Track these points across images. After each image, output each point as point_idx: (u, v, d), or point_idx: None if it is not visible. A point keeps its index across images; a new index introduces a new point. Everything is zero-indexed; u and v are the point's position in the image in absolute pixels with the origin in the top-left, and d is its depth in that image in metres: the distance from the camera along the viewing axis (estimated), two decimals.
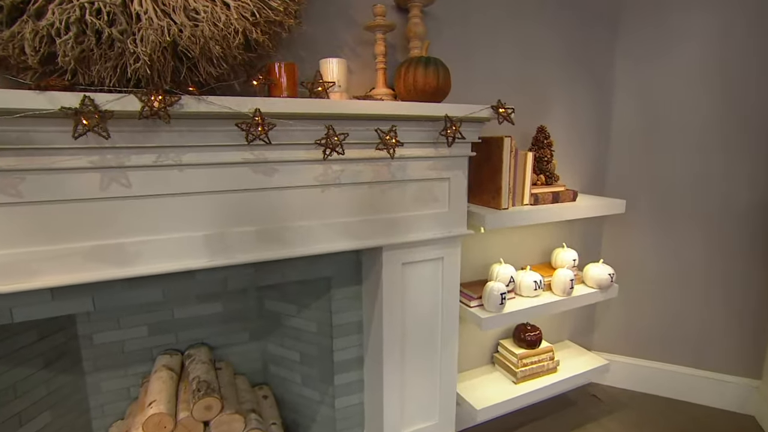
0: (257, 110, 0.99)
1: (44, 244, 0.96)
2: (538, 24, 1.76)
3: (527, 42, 1.75)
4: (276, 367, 1.68)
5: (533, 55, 1.77)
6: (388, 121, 1.22)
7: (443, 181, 1.40)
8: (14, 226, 0.93)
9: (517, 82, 1.76)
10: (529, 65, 1.77)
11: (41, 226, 0.95)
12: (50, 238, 0.96)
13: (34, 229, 0.95)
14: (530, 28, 1.75)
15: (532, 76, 1.79)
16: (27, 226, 0.94)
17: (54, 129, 0.92)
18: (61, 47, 0.80)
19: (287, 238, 1.19)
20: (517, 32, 1.72)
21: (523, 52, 1.74)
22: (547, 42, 1.79)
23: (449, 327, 1.51)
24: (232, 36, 0.94)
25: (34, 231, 0.95)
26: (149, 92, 0.89)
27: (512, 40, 1.71)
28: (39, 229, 0.95)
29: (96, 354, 1.47)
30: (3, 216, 0.92)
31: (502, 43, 1.69)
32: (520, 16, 1.72)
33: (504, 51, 1.70)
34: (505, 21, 1.68)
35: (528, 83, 1.78)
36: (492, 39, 1.67)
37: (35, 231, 0.95)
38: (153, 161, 1.01)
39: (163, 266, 1.06)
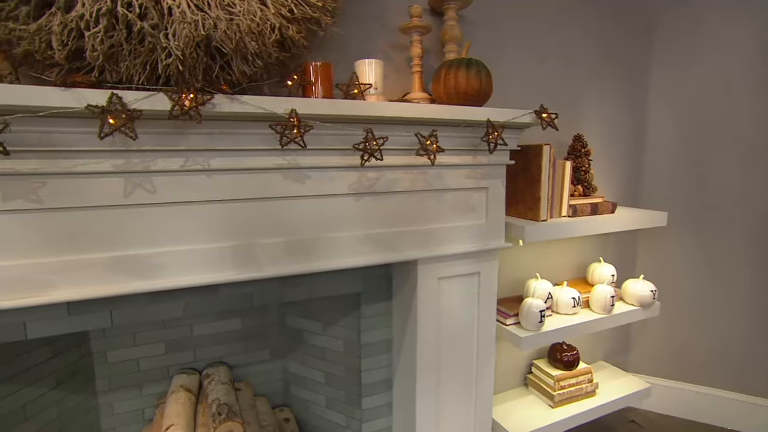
0: (293, 111, 0.92)
1: (62, 254, 0.89)
2: (571, 30, 1.70)
3: (560, 48, 1.68)
4: (298, 387, 1.59)
5: (567, 62, 1.70)
6: (426, 126, 1.15)
7: (481, 190, 1.32)
8: (32, 235, 0.86)
9: (550, 88, 1.69)
10: (561, 72, 1.70)
11: (60, 235, 0.88)
12: (69, 248, 0.89)
13: (52, 237, 0.88)
14: (564, 35, 1.68)
15: (565, 82, 1.72)
16: (45, 234, 0.87)
17: (78, 130, 0.85)
18: (90, 41, 0.74)
19: (319, 251, 1.11)
20: (551, 38, 1.66)
21: (556, 58, 1.68)
22: (580, 48, 1.73)
23: (485, 347, 1.41)
24: (268, 32, 0.87)
25: (53, 240, 0.88)
26: (180, 90, 0.83)
27: (545, 46, 1.65)
28: (57, 237, 0.88)
29: (110, 372, 1.39)
30: (21, 223, 0.85)
31: (535, 49, 1.63)
32: (554, 22, 1.66)
33: (537, 57, 1.64)
34: (539, 26, 1.62)
35: (560, 90, 1.71)
36: (525, 44, 1.60)
37: (53, 240, 0.88)
38: (180, 166, 0.94)
39: (189, 279, 0.98)
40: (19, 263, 0.86)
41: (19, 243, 0.85)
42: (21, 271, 0.86)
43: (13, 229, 0.85)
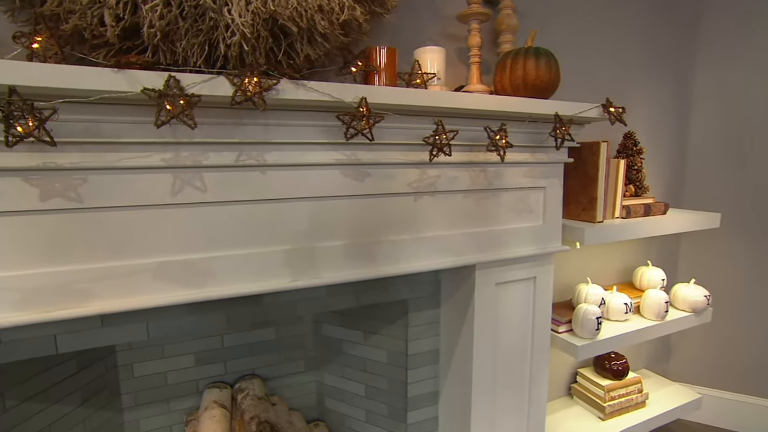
0: (363, 100, 0.82)
1: (103, 260, 0.79)
2: (619, 25, 1.62)
3: (608, 43, 1.60)
4: (334, 401, 1.49)
5: (614, 58, 1.63)
6: (490, 120, 1.06)
7: (538, 190, 1.23)
8: (70, 238, 0.76)
9: (598, 84, 1.61)
10: (608, 67, 1.62)
11: (101, 238, 0.78)
12: (110, 253, 0.79)
13: (92, 241, 0.78)
14: (612, 29, 1.61)
15: (613, 78, 1.64)
16: (85, 237, 0.77)
17: (125, 119, 0.75)
18: (148, 16, 0.64)
19: (378, 255, 1.01)
20: (599, 32, 1.58)
21: (603, 53, 1.60)
22: (627, 44, 1.65)
23: (540, 356, 1.32)
24: (337, 11, 0.78)
25: (93, 244, 0.78)
26: (244, 74, 0.73)
27: (592, 40, 1.57)
28: (98, 241, 0.78)
29: (136, 387, 1.28)
30: (59, 225, 0.75)
31: (582, 42, 1.55)
32: (603, 17, 1.58)
33: (583, 51, 1.56)
34: (587, 20, 1.55)
35: (607, 86, 1.64)
36: (572, 37, 1.52)
37: (94, 244, 0.78)
38: (234, 160, 0.85)
39: (239, 287, 0.88)
40: (56, 270, 0.76)
41: (56, 247, 0.75)
42: (58, 280, 0.76)
43: (51, 231, 0.75)
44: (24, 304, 0.74)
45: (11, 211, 0.72)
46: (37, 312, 0.75)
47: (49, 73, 0.63)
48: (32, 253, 0.74)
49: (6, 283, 0.72)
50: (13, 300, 0.73)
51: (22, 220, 0.73)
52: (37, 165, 0.72)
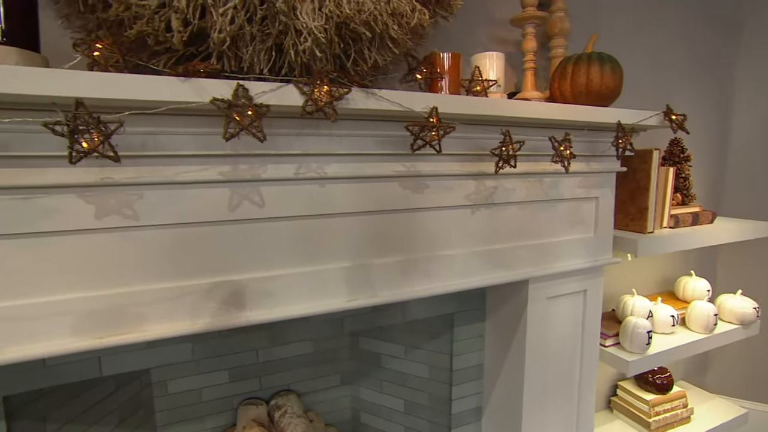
0: (434, 110, 0.77)
1: (157, 281, 0.74)
2: (661, 28, 1.57)
3: (651, 48, 1.56)
4: (370, 416, 1.44)
5: (656, 63, 1.58)
6: (546, 129, 1.01)
7: (590, 200, 1.18)
8: (126, 258, 0.71)
9: (639, 89, 1.56)
10: (648, 72, 1.57)
11: (156, 258, 0.73)
12: (164, 274, 0.74)
13: (147, 261, 0.73)
14: (655, 34, 1.57)
15: (656, 85, 1.59)
16: (140, 257, 0.72)
17: (183, 130, 0.70)
18: (219, 21, 0.59)
19: (433, 270, 0.96)
20: (641, 35, 1.53)
21: (647, 58, 1.55)
22: (670, 49, 1.61)
23: (589, 371, 1.27)
24: (408, 14, 0.73)
25: (147, 264, 0.73)
26: (314, 82, 0.68)
27: (634, 43, 1.52)
28: (153, 261, 0.73)
29: (170, 404, 1.22)
30: (114, 244, 0.70)
31: (624, 45, 1.50)
32: (646, 22, 1.54)
33: (628, 56, 1.51)
34: (631, 25, 1.50)
35: (648, 91, 1.59)
36: (617, 43, 1.47)
37: (149, 264, 0.73)
38: (293, 173, 0.80)
39: (298, 308, 0.83)
40: (112, 293, 0.71)
41: (111, 268, 0.70)
42: (113, 302, 0.71)
43: (106, 251, 0.70)
44: (77, 329, 0.69)
45: (67, 231, 0.67)
46: (90, 338, 0.70)
47: (117, 84, 0.58)
48: (87, 274, 0.69)
49: (60, 307, 0.68)
50: (66, 325, 0.68)
51: (77, 239, 0.68)
52: (93, 181, 0.67)
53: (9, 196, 0.63)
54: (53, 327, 0.68)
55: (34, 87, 0.55)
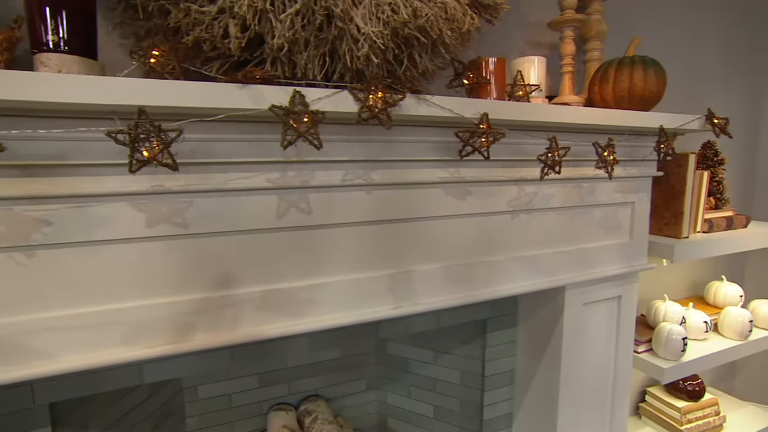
0: (485, 116, 0.76)
1: (207, 290, 0.73)
2: (695, 34, 1.56)
3: (684, 51, 1.54)
4: (398, 421, 1.43)
5: (688, 66, 1.56)
6: (585, 134, 0.99)
7: (626, 205, 1.17)
8: (175, 267, 0.70)
9: (671, 92, 1.53)
10: (681, 74, 1.55)
11: (204, 267, 0.72)
12: (214, 283, 0.73)
13: (196, 270, 0.72)
14: (689, 38, 1.55)
15: (686, 88, 1.57)
16: (189, 266, 0.71)
17: (234, 137, 0.69)
18: (278, 27, 0.58)
19: (474, 277, 0.95)
20: (674, 37, 1.51)
21: (680, 61, 1.54)
22: (703, 51, 1.59)
23: (623, 377, 1.25)
24: (459, 20, 0.72)
25: (197, 273, 0.72)
26: (368, 88, 0.67)
27: (668, 45, 1.50)
28: (202, 270, 0.72)
29: (201, 410, 1.22)
30: (164, 253, 0.69)
31: (661, 51, 1.48)
32: (680, 25, 1.52)
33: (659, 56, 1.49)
34: (665, 28, 1.48)
35: (681, 94, 1.56)
36: (651, 46, 1.45)
37: (198, 273, 0.72)
38: (341, 180, 0.78)
39: (343, 317, 0.82)
40: (161, 302, 0.70)
41: (162, 277, 0.69)
42: (163, 312, 0.70)
43: (157, 260, 0.69)
44: (129, 338, 0.68)
45: (119, 240, 0.66)
46: (142, 347, 0.69)
47: (178, 92, 0.57)
48: (137, 283, 0.68)
49: (112, 317, 0.67)
50: (119, 334, 0.67)
51: (129, 248, 0.67)
52: (145, 189, 0.66)
53: (65, 205, 0.63)
54: (106, 336, 0.67)
55: (99, 96, 0.54)
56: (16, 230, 0.61)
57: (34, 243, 0.62)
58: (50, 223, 0.62)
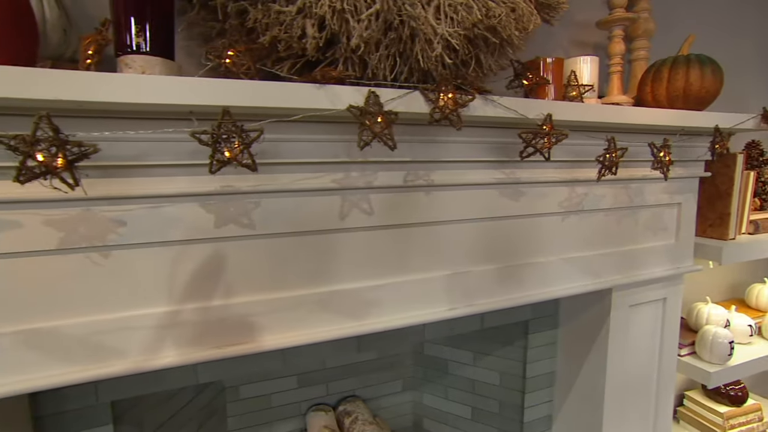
0: (548, 117, 0.75)
1: (272, 290, 0.73)
2: (735, 31, 1.54)
3: (724, 49, 1.51)
4: (434, 423, 1.42)
5: (730, 65, 1.53)
6: (635, 134, 0.98)
7: (673, 206, 1.15)
8: (241, 268, 0.70)
9: None
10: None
11: (270, 267, 0.72)
12: (281, 283, 0.73)
13: (261, 270, 0.72)
14: (729, 35, 1.52)
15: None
16: (254, 267, 0.71)
17: (302, 137, 0.69)
18: (357, 27, 0.58)
19: (526, 278, 0.94)
20: (717, 38, 1.49)
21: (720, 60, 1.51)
22: (743, 49, 1.56)
23: (666, 381, 1.24)
24: (527, 19, 0.71)
25: (262, 273, 0.72)
26: (439, 89, 0.66)
27: (710, 47, 1.48)
28: (268, 270, 0.72)
29: (242, 410, 1.22)
30: (232, 253, 0.69)
31: (700, 49, 1.46)
32: (720, 23, 1.49)
33: None
34: (706, 26, 1.46)
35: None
36: None
37: (263, 273, 0.72)
38: (402, 181, 0.78)
39: (403, 318, 0.82)
40: (229, 302, 0.70)
41: (229, 278, 0.69)
42: (231, 312, 0.70)
43: (226, 260, 0.69)
44: (199, 339, 0.68)
45: (188, 240, 0.66)
46: (211, 348, 0.69)
47: (259, 92, 0.57)
48: (206, 284, 0.68)
49: (183, 317, 0.67)
50: (188, 336, 0.67)
51: (197, 248, 0.67)
52: (215, 189, 0.66)
53: (139, 205, 0.63)
54: (176, 337, 0.67)
55: (185, 96, 0.54)
56: (93, 231, 0.61)
57: (110, 243, 0.62)
58: (125, 224, 0.62)
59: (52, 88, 0.48)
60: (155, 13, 0.57)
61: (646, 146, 0.93)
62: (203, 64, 0.68)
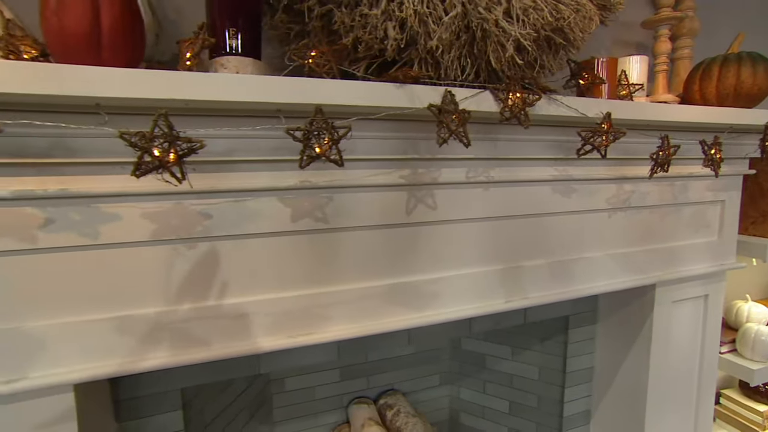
0: (608, 115, 0.77)
1: (342, 282, 0.75)
2: None
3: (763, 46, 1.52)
4: (471, 417, 1.44)
5: None
6: (687, 133, 1.00)
7: (716, 204, 1.16)
8: (313, 259, 0.73)
9: None
10: None
11: (339, 261, 0.75)
12: (349, 275, 0.76)
13: (332, 262, 0.74)
14: None
15: None
16: (325, 258, 0.74)
17: (373, 134, 0.72)
18: (438, 30, 0.61)
19: (575, 273, 0.96)
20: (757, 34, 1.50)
21: None
22: None
23: (708, 378, 1.25)
24: (589, 21, 0.73)
25: (333, 265, 0.74)
26: (509, 89, 0.69)
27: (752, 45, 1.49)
28: (337, 262, 0.75)
29: (287, 401, 1.26)
30: (305, 247, 0.72)
31: None
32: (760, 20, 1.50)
33: None
34: (746, 24, 1.46)
35: None
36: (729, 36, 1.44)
37: (334, 266, 0.75)
38: (464, 177, 0.80)
39: (461, 310, 0.85)
40: (300, 294, 0.73)
41: (302, 270, 0.72)
42: (302, 304, 0.73)
43: (298, 253, 0.72)
44: (273, 329, 0.71)
45: (266, 233, 0.69)
46: (284, 337, 0.72)
47: (347, 90, 0.60)
48: (281, 276, 0.71)
49: (260, 308, 0.70)
50: (265, 325, 0.71)
51: (273, 241, 0.70)
52: (294, 184, 0.69)
53: (224, 199, 0.66)
54: (254, 326, 0.70)
55: (280, 95, 0.57)
56: (183, 223, 0.64)
57: (197, 235, 0.65)
58: (210, 217, 0.66)
59: (167, 87, 0.52)
60: (246, 16, 0.60)
61: (692, 143, 0.95)
62: (275, 64, 0.71)
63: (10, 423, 0.59)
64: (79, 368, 0.61)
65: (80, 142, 0.56)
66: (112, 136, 0.55)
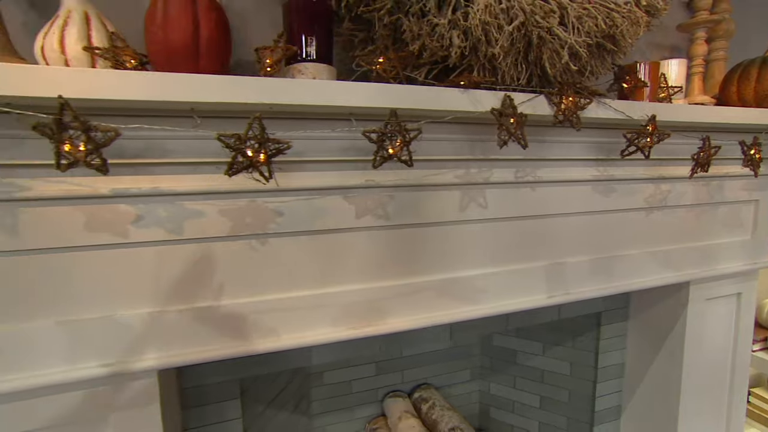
0: (652, 117, 0.80)
1: (400, 277, 0.79)
2: None
3: None
4: (501, 411, 1.47)
5: None
6: (724, 134, 1.02)
7: (750, 203, 1.18)
8: (377, 255, 0.77)
9: None
10: None
11: (399, 256, 0.78)
12: (406, 270, 0.79)
13: (392, 258, 0.78)
14: None
15: None
16: (388, 254, 0.78)
17: (433, 136, 0.75)
18: (500, 38, 0.64)
19: (615, 270, 0.99)
20: None
21: None
22: None
23: (740, 375, 1.27)
24: (638, 26, 0.76)
25: (393, 261, 0.78)
26: (562, 93, 0.72)
27: None
28: (397, 258, 0.78)
29: (325, 394, 1.29)
30: (367, 243, 0.76)
31: None
32: None
33: None
34: None
35: None
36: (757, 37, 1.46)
37: (393, 261, 0.78)
38: (513, 177, 0.84)
39: (507, 304, 0.88)
40: (361, 287, 0.76)
41: (365, 264, 0.76)
42: (363, 297, 0.77)
43: (361, 248, 0.75)
44: (338, 320, 0.75)
45: (330, 230, 0.73)
46: (346, 329, 0.76)
47: (417, 95, 0.64)
48: (346, 269, 0.75)
49: (325, 300, 0.74)
50: (331, 316, 0.74)
51: (336, 237, 0.74)
52: (359, 183, 0.72)
53: (296, 197, 0.70)
54: (319, 317, 0.74)
55: (358, 99, 0.61)
56: (257, 220, 0.68)
57: (269, 231, 0.69)
58: (282, 214, 0.69)
59: (259, 92, 0.55)
60: (321, 25, 0.64)
61: (729, 144, 0.98)
62: (339, 69, 0.75)
63: (108, 403, 0.64)
64: (164, 354, 0.65)
65: (171, 144, 0.60)
66: (203, 138, 0.59)
